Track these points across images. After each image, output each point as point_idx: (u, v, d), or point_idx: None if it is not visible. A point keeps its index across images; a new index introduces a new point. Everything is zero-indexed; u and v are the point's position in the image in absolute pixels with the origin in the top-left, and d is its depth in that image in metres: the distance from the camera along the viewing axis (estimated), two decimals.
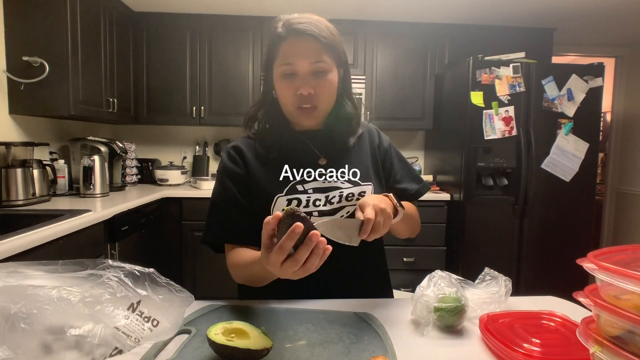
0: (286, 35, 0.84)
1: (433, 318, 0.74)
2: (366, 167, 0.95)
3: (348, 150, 0.95)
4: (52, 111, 2.08)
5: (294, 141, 0.93)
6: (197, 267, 2.63)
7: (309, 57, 0.83)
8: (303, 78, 0.84)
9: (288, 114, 0.91)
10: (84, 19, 2.16)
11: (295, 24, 0.84)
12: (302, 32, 0.83)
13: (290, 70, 0.84)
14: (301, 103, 0.85)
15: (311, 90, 0.84)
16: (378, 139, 1.02)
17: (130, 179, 2.77)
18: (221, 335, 0.60)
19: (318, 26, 0.84)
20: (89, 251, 1.73)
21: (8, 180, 1.87)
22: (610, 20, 2.90)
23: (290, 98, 0.86)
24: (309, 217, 0.62)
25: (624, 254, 0.55)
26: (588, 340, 0.52)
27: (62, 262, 0.67)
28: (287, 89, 0.85)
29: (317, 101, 0.86)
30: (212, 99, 2.88)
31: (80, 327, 0.58)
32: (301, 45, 0.83)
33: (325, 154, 0.94)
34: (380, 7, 2.70)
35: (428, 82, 2.97)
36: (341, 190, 0.90)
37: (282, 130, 0.94)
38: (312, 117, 0.88)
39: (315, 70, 0.84)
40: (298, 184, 0.89)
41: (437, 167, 3.05)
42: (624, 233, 3.52)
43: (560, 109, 2.50)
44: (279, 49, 0.85)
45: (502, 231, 2.56)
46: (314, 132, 0.95)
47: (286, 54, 0.84)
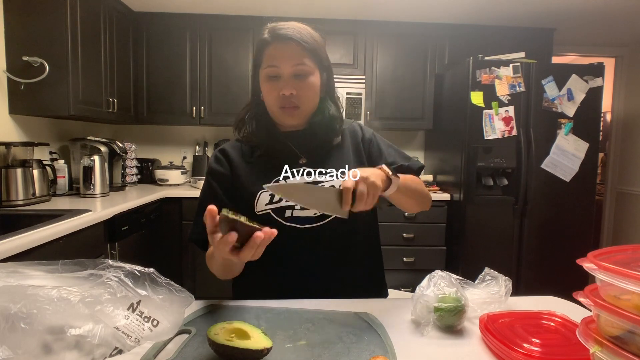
0: (271, 40, 0.90)
1: (433, 318, 0.74)
2: (349, 162, 0.98)
3: (330, 150, 0.99)
4: (52, 111, 2.08)
5: (277, 141, 0.97)
6: (197, 267, 2.63)
7: (291, 60, 0.88)
8: (286, 80, 0.89)
9: (272, 114, 0.95)
10: (84, 19, 2.16)
11: (279, 29, 0.89)
12: (285, 37, 0.88)
13: (274, 72, 0.89)
14: (284, 103, 0.90)
15: (293, 91, 0.89)
16: (361, 133, 1.05)
17: (130, 179, 2.77)
18: (221, 335, 0.60)
19: (300, 32, 0.89)
20: (89, 251, 1.73)
21: (8, 180, 1.87)
22: (610, 20, 2.90)
23: (274, 99, 0.91)
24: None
25: (624, 254, 0.55)
26: (588, 340, 0.52)
27: (62, 262, 0.68)
28: (271, 90, 0.90)
29: (299, 101, 0.91)
30: (212, 99, 2.88)
31: (80, 327, 0.58)
32: (284, 49, 0.89)
33: (306, 153, 0.97)
34: (380, 7, 2.70)
35: (428, 82, 2.97)
36: (323, 184, 0.92)
37: (267, 130, 0.98)
38: (294, 116, 0.92)
39: (297, 73, 0.89)
40: (282, 180, 0.92)
41: (437, 167, 3.05)
42: (624, 233, 3.52)
43: (560, 109, 2.50)
44: (264, 53, 0.91)
45: (502, 231, 2.56)
46: (297, 132, 0.98)
47: (270, 57, 0.90)
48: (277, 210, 0.90)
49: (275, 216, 0.90)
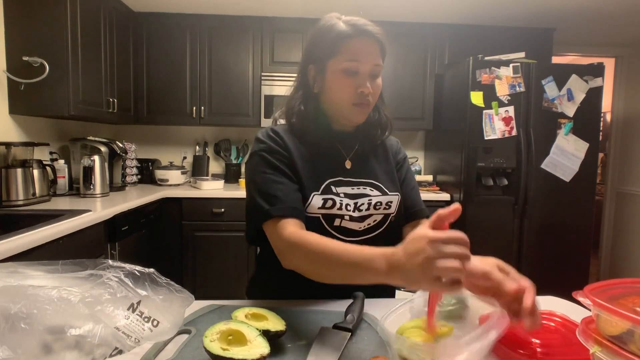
0: (354, 34, 0.86)
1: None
2: (392, 176, 0.98)
3: (369, 156, 0.98)
4: (52, 111, 2.08)
5: (329, 140, 0.94)
6: (197, 267, 2.63)
7: (373, 59, 0.87)
8: (365, 77, 0.86)
9: (340, 109, 0.90)
10: (84, 19, 2.16)
11: (364, 25, 0.87)
12: (371, 34, 0.86)
13: (354, 67, 0.86)
14: (360, 100, 0.87)
15: (371, 90, 0.87)
16: (398, 150, 1.05)
17: (130, 179, 2.77)
18: (217, 342, 0.58)
19: (380, 32, 0.88)
20: (89, 251, 1.73)
21: (8, 180, 1.87)
22: (610, 20, 2.90)
23: (349, 94, 0.87)
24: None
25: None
26: (588, 340, 0.52)
27: (62, 262, 0.68)
28: (348, 85, 0.87)
29: (371, 100, 0.89)
30: (212, 99, 2.88)
31: (80, 327, 0.58)
32: (368, 45, 0.86)
33: (352, 156, 0.96)
34: (380, 7, 2.70)
35: (428, 82, 2.97)
36: (370, 197, 0.92)
37: (321, 127, 0.94)
38: (365, 114, 0.91)
39: (374, 72, 0.88)
40: (332, 185, 0.90)
41: (437, 167, 3.05)
42: (624, 233, 3.52)
43: (560, 109, 2.50)
44: (344, 46, 0.86)
45: (502, 231, 2.56)
46: (348, 132, 0.97)
47: (352, 52, 0.86)
48: (327, 216, 0.88)
49: (324, 222, 0.88)
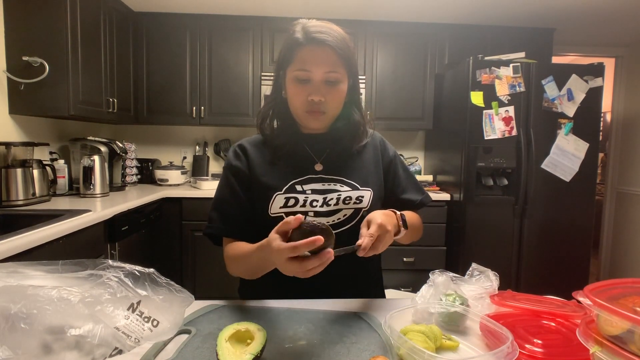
0: (305, 42, 0.86)
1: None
2: (366, 173, 0.98)
3: (348, 159, 0.98)
4: (52, 111, 2.08)
5: (297, 143, 0.97)
6: (197, 267, 2.63)
7: (325, 67, 0.86)
8: (316, 85, 0.87)
9: (296, 116, 0.94)
10: (84, 18, 2.15)
11: (315, 32, 0.86)
12: (321, 42, 0.85)
13: (305, 76, 0.87)
14: (311, 108, 0.89)
15: (322, 98, 0.88)
16: (383, 148, 1.04)
17: (130, 179, 2.77)
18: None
19: (337, 37, 0.86)
20: (89, 251, 1.73)
21: (8, 180, 1.87)
22: (610, 20, 2.90)
23: (301, 102, 0.89)
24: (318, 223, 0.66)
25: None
26: (588, 340, 0.52)
27: (62, 262, 0.68)
28: (299, 93, 0.89)
29: (326, 107, 0.89)
30: (212, 99, 2.88)
31: (80, 327, 0.58)
32: (318, 54, 0.86)
33: (323, 159, 0.97)
34: (380, 7, 2.70)
35: (428, 82, 2.96)
36: (339, 193, 0.92)
37: (289, 131, 0.97)
38: (319, 120, 0.91)
39: (328, 79, 0.87)
40: (297, 184, 0.92)
41: (437, 167, 3.05)
42: (624, 233, 3.51)
43: (560, 109, 2.50)
44: (296, 54, 0.87)
45: (502, 231, 2.56)
46: (318, 135, 0.97)
47: (303, 60, 0.87)
48: (290, 214, 0.89)
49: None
